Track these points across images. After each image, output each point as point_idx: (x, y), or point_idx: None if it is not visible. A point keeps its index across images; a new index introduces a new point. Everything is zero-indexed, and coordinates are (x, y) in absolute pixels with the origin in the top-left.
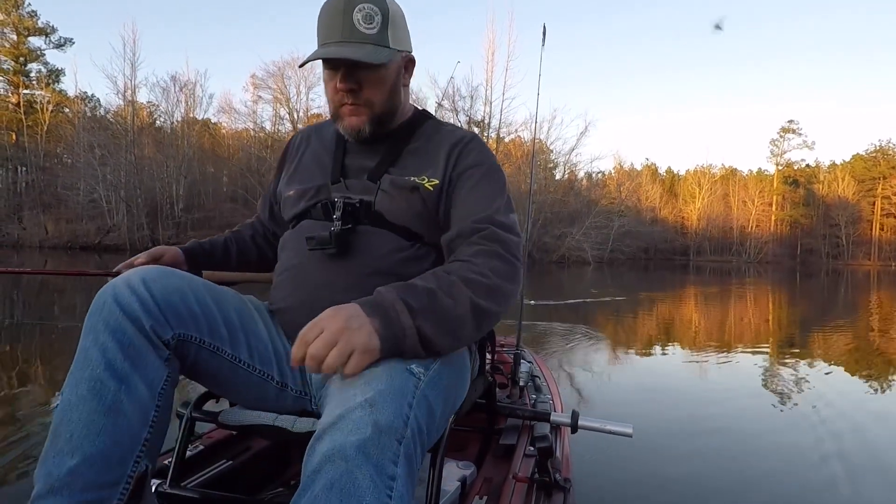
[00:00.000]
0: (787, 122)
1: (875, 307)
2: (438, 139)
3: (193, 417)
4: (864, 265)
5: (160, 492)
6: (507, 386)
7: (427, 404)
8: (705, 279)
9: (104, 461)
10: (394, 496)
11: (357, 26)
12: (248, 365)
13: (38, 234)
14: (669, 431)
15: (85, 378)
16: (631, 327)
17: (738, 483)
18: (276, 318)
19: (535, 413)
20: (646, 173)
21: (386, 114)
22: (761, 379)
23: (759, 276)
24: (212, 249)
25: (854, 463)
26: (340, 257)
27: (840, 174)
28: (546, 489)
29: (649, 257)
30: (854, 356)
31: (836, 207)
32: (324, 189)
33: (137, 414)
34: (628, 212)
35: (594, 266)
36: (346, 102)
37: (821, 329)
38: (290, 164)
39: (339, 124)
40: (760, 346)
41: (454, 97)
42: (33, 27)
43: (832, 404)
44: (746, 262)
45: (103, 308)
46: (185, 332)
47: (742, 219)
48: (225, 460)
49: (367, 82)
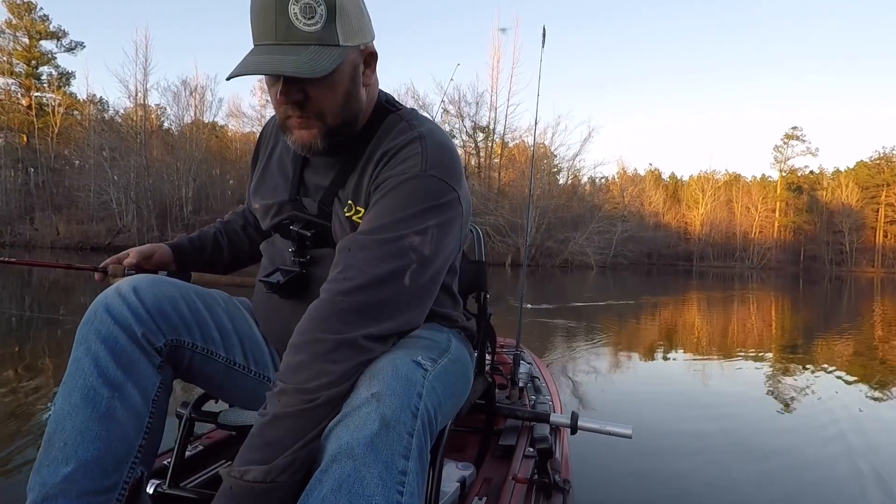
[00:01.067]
0: (791, 129)
1: (879, 315)
2: (380, 145)
3: (193, 418)
4: (867, 272)
5: (160, 492)
6: (507, 387)
7: (436, 396)
8: (708, 284)
9: (99, 468)
10: (405, 492)
11: (294, 22)
12: (243, 367)
13: (50, 235)
14: (669, 433)
15: (77, 387)
16: (633, 331)
17: (738, 484)
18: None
19: (534, 414)
20: (649, 178)
21: (341, 125)
22: (763, 383)
23: (761, 283)
24: (202, 244)
25: (855, 466)
26: (300, 291)
27: (844, 181)
28: (545, 490)
29: (652, 262)
30: (857, 363)
31: (840, 214)
32: (285, 206)
33: (131, 420)
34: (631, 217)
35: (597, 270)
36: (291, 115)
37: (823, 336)
38: (260, 162)
39: (288, 138)
40: (762, 351)
41: (460, 103)
42: (45, 31)
43: (833, 410)
44: (749, 268)
45: (95, 318)
46: (177, 338)
47: (745, 225)
48: (224, 460)
49: (314, 92)
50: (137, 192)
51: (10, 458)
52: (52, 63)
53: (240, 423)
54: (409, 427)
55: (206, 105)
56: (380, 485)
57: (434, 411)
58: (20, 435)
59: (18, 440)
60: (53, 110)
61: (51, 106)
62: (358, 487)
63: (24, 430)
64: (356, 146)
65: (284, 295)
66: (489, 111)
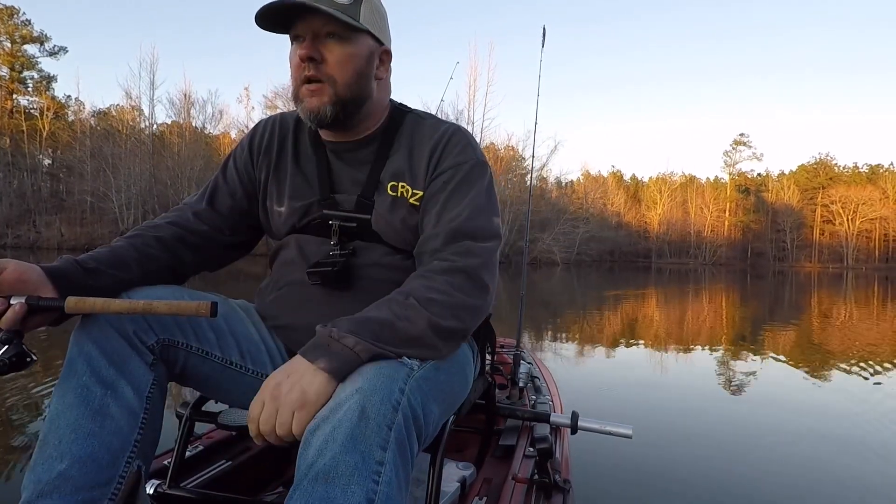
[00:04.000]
0: (739, 135)
1: (830, 309)
2: (420, 138)
3: (193, 418)
4: (805, 267)
5: (160, 492)
6: (507, 387)
7: (422, 393)
8: (665, 279)
9: (94, 463)
10: (381, 481)
11: None
12: (239, 366)
13: (55, 237)
14: (669, 432)
15: (71, 387)
16: (599, 327)
17: (738, 483)
18: (267, 323)
19: (534, 414)
20: (611, 180)
21: (351, 99)
22: (762, 382)
23: (713, 278)
24: (96, 265)
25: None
26: (345, 281)
27: (786, 183)
28: (546, 490)
29: (614, 259)
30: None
31: (783, 214)
32: (315, 206)
33: (126, 416)
34: (594, 218)
35: (562, 267)
36: (307, 76)
37: (821, 337)
38: (262, 168)
39: (299, 107)
40: (750, 346)
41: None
42: (28, 35)
43: (832, 409)
44: (702, 264)
45: (87, 319)
46: (169, 337)
47: (699, 224)
48: (224, 461)
49: (331, 56)
50: (142, 195)
51: (8, 460)
52: (36, 68)
53: (240, 423)
54: (388, 420)
55: (207, 117)
56: (355, 473)
57: (421, 408)
58: (20, 436)
59: (18, 441)
60: (42, 113)
61: (40, 108)
62: (334, 475)
63: (24, 430)
64: (384, 140)
65: (335, 285)
66: (468, 126)
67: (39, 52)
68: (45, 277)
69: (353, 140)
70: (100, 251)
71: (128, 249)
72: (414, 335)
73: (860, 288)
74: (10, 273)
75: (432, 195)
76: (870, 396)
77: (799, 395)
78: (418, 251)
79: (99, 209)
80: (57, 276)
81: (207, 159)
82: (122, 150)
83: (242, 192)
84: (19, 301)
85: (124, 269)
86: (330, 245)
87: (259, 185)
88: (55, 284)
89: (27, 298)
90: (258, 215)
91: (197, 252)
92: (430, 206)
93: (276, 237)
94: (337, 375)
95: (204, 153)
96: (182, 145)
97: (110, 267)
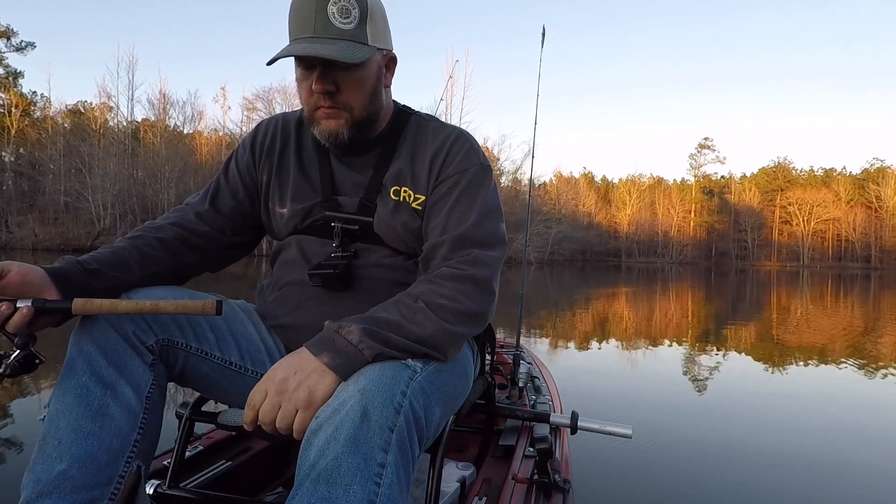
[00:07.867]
0: (704, 139)
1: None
2: (423, 142)
3: (192, 418)
4: (766, 265)
5: (159, 492)
6: (507, 387)
7: (425, 396)
8: (634, 278)
9: (93, 463)
10: (383, 483)
11: (332, 20)
12: (238, 366)
13: (29, 237)
14: (669, 432)
15: (71, 387)
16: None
17: (738, 483)
18: (268, 322)
19: (534, 414)
20: (583, 181)
21: (366, 118)
22: (760, 381)
23: (679, 276)
24: (97, 266)
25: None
26: (347, 282)
27: (748, 185)
28: (545, 490)
29: (586, 259)
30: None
31: (745, 214)
32: (317, 207)
33: (125, 416)
34: (566, 219)
35: (536, 266)
36: (321, 105)
37: (734, 323)
38: (263, 169)
39: (315, 128)
40: (739, 343)
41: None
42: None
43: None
44: (669, 263)
45: (87, 319)
46: (169, 337)
47: (666, 224)
48: (224, 461)
49: (345, 84)
50: (121, 195)
51: (7, 460)
52: (2, 63)
53: (239, 423)
54: (390, 422)
55: (187, 118)
56: (357, 474)
57: (423, 410)
58: (19, 435)
59: (17, 441)
60: (9, 111)
61: (6, 107)
62: (336, 476)
63: (23, 432)
64: (387, 144)
65: (336, 287)
66: None
67: (6, 46)
68: (48, 279)
69: (357, 143)
70: (101, 251)
71: (129, 250)
72: (421, 338)
73: (815, 285)
74: (14, 276)
75: (437, 201)
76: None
77: (799, 394)
78: (425, 258)
79: (74, 209)
80: (59, 278)
81: (186, 159)
82: (96, 150)
83: (244, 193)
84: (26, 304)
85: (126, 269)
86: (331, 247)
87: (261, 185)
88: (58, 286)
89: (33, 301)
90: (260, 216)
91: (198, 253)
92: (436, 213)
93: (278, 238)
94: (341, 373)
95: (182, 153)
96: (162, 145)
97: (112, 268)
